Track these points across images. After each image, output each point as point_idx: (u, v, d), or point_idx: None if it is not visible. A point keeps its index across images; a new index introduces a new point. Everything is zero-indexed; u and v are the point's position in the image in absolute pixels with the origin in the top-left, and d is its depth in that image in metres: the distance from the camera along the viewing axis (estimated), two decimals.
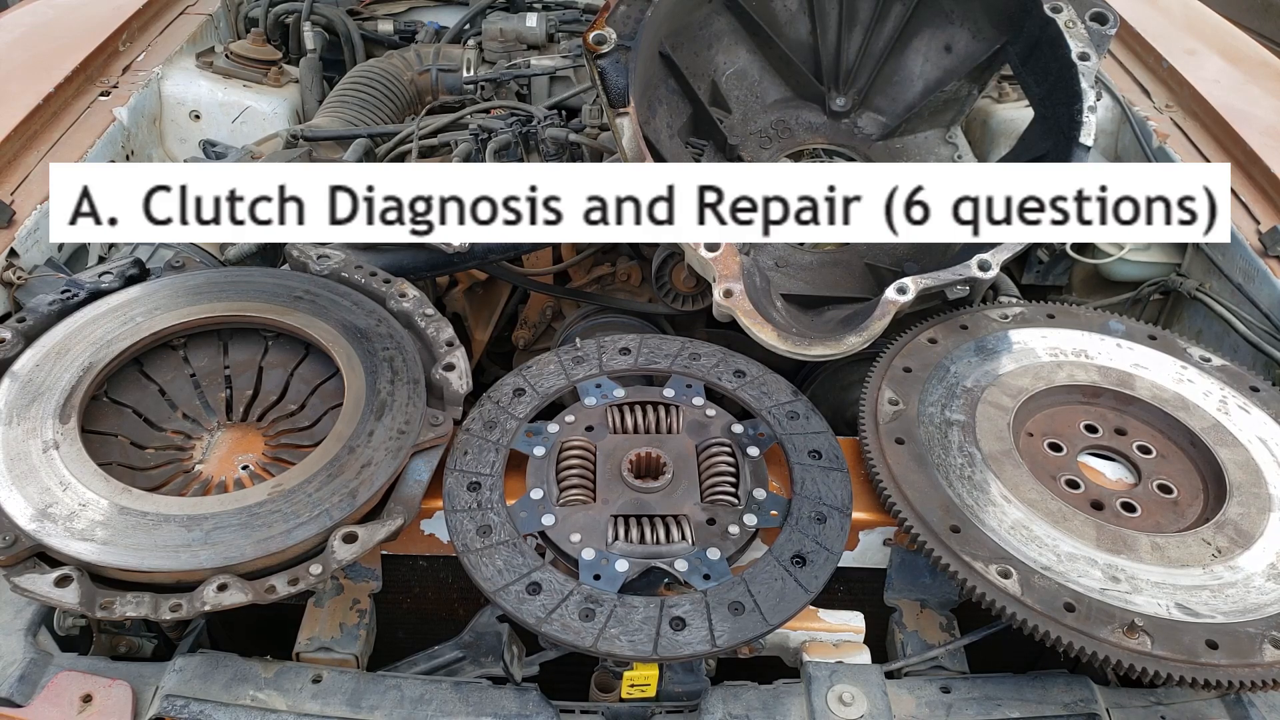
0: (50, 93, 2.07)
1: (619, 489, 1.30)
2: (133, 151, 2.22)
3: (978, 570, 1.18)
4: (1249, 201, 1.91)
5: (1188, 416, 1.42)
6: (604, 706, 1.23)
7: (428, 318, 1.49)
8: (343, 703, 1.16)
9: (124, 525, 1.17)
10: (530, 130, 2.06)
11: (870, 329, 1.43)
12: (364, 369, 1.38)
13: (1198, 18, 2.68)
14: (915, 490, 1.28)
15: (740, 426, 1.39)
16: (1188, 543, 1.25)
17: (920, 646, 1.32)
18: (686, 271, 1.74)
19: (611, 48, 1.56)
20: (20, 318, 1.41)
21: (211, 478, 1.36)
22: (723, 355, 1.50)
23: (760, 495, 1.29)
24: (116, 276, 1.51)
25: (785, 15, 1.91)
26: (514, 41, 2.61)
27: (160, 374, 1.46)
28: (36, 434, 1.26)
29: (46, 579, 1.12)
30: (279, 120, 2.45)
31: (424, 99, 2.59)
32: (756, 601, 1.16)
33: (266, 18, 2.73)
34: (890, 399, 1.41)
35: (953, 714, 1.17)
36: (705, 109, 1.83)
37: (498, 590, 1.17)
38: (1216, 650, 1.11)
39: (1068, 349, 1.52)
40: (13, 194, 1.83)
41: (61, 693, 1.14)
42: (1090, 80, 1.61)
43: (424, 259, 1.74)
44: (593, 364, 1.48)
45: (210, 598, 1.11)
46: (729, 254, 1.47)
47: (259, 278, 1.54)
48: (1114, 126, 2.28)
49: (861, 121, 1.96)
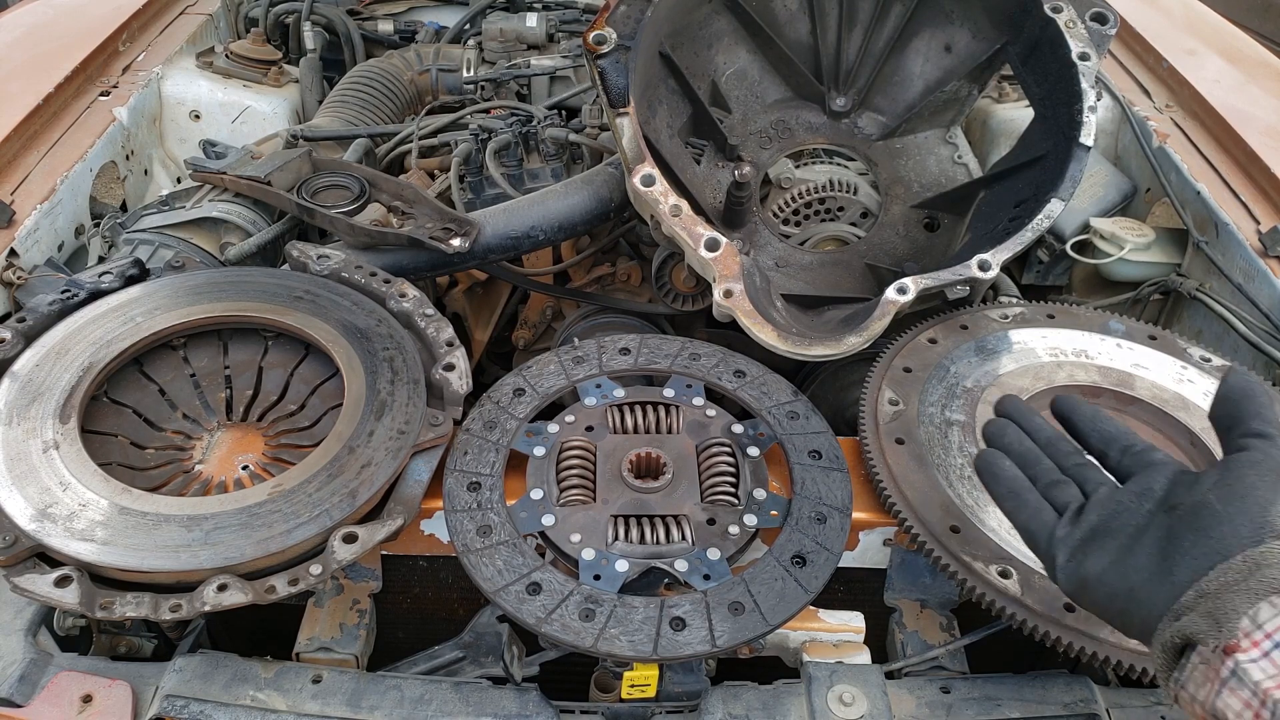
0: (50, 93, 2.07)
1: (619, 489, 1.30)
2: (132, 151, 2.22)
3: (978, 570, 1.19)
4: (1249, 201, 1.91)
5: (1188, 416, 1.42)
6: (604, 706, 1.23)
7: (428, 318, 1.49)
8: (343, 703, 1.16)
9: (124, 525, 1.17)
10: (530, 130, 2.06)
11: (870, 329, 1.43)
12: (364, 369, 1.38)
13: (1198, 18, 2.67)
14: (915, 490, 1.28)
15: (740, 426, 1.39)
16: None
17: (920, 647, 1.32)
18: (686, 271, 1.74)
19: (611, 48, 1.55)
20: (20, 318, 1.41)
21: (211, 478, 1.36)
22: (723, 355, 1.50)
23: (760, 495, 1.29)
24: (116, 276, 1.51)
25: (785, 15, 1.91)
26: (514, 41, 2.61)
27: (160, 374, 1.46)
28: (36, 434, 1.26)
29: (46, 579, 1.12)
30: (279, 120, 2.45)
31: (424, 99, 2.59)
32: (756, 602, 1.16)
33: (266, 18, 2.73)
34: (890, 399, 1.41)
35: (953, 714, 1.17)
36: (705, 109, 1.83)
37: (498, 590, 1.17)
38: None
39: (1068, 349, 1.52)
40: (13, 194, 1.83)
41: (61, 693, 1.14)
42: (1090, 80, 1.61)
43: (424, 259, 1.74)
44: (593, 364, 1.48)
45: (210, 598, 1.11)
46: (729, 254, 1.47)
47: (259, 278, 1.54)
48: (1114, 126, 2.28)
49: (862, 121, 1.96)
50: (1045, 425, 1.10)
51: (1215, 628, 0.83)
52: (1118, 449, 1.04)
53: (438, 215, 1.76)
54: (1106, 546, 0.94)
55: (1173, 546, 0.89)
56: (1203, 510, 0.90)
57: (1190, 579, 0.86)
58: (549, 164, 2.06)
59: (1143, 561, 0.91)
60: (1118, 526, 0.95)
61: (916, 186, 1.92)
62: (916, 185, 1.92)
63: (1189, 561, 0.87)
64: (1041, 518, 1.01)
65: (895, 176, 1.93)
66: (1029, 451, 1.07)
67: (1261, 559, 0.84)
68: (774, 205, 1.90)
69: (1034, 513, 1.02)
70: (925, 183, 1.92)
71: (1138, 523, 0.94)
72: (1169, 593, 0.87)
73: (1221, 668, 0.83)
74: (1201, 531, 0.88)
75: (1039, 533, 1.01)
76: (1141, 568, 0.91)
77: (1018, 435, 1.09)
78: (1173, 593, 0.87)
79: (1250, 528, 0.87)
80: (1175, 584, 0.87)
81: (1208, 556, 0.87)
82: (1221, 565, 0.85)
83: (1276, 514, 0.88)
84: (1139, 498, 0.96)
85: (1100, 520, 0.97)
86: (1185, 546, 0.88)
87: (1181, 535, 0.89)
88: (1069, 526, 0.98)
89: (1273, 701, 0.79)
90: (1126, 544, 0.93)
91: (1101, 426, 1.06)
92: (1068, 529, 0.98)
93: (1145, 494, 0.96)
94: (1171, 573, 0.88)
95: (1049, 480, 1.03)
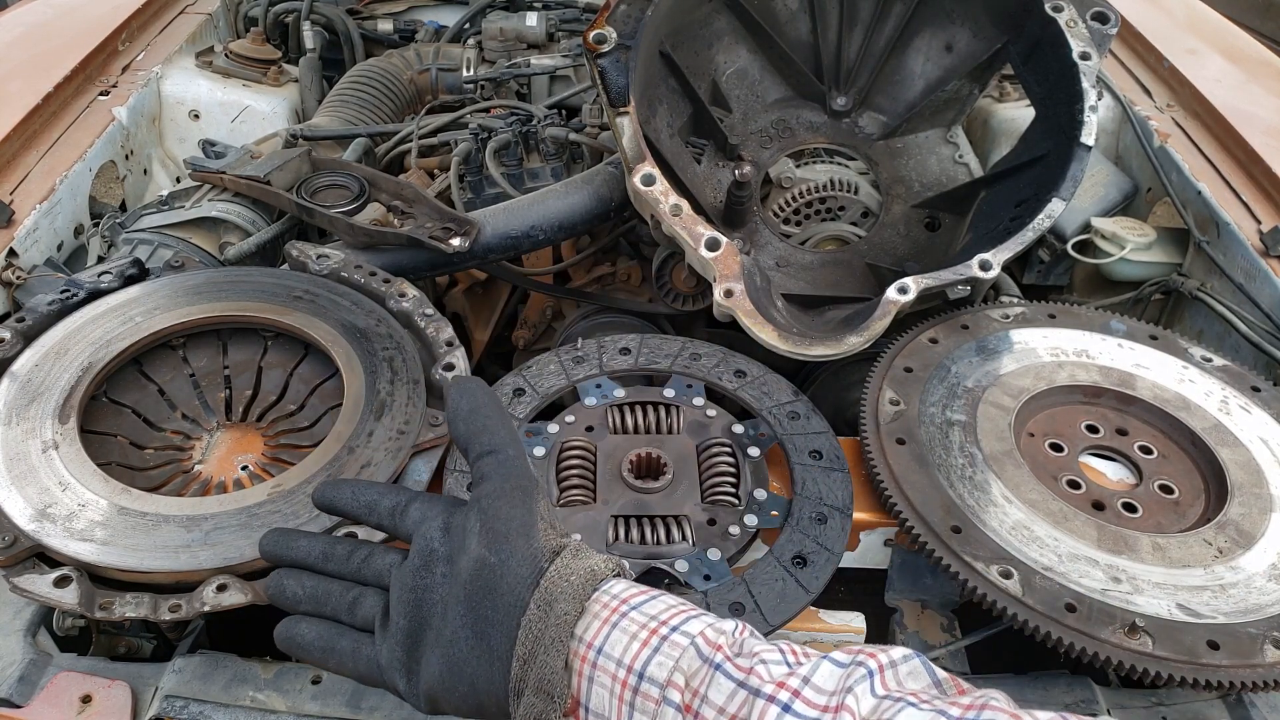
0: (50, 92, 2.07)
1: (619, 489, 1.29)
2: (132, 151, 2.22)
3: (979, 571, 1.18)
4: (1250, 201, 1.90)
5: (1189, 417, 1.42)
6: None
7: (427, 318, 1.48)
8: (343, 703, 1.16)
9: (123, 525, 1.17)
10: (530, 130, 2.06)
11: (871, 329, 1.43)
12: (363, 369, 1.38)
13: (1199, 17, 2.67)
14: (916, 491, 1.28)
15: (741, 427, 1.39)
16: (1189, 543, 1.25)
17: (921, 647, 1.32)
18: (687, 271, 1.74)
19: (611, 47, 1.55)
20: (19, 318, 1.41)
21: (211, 478, 1.36)
22: (723, 355, 1.50)
23: (761, 496, 1.29)
24: (116, 276, 1.51)
25: (785, 15, 1.91)
26: (514, 41, 2.60)
27: (159, 374, 1.46)
28: (36, 434, 1.26)
29: (46, 579, 1.11)
30: (278, 120, 2.45)
31: (424, 98, 2.58)
32: (757, 602, 1.16)
33: (266, 17, 2.73)
34: (891, 399, 1.41)
35: None
36: (705, 108, 1.83)
37: None
38: (1218, 651, 1.11)
39: (1069, 349, 1.51)
40: (12, 194, 1.83)
41: (61, 693, 1.14)
42: (1091, 80, 1.60)
43: (424, 259, 1.74)
44: (593, 364, 1.48)
45: (210, 598, 1.11)
46: (729, 254, 1.47)
47: (258, 277, 1.54)
48: (1115, 126, 2.27)
49: (862, 121, 1.96)
50: (312, 541, 0.96)
51: (550, 701, 0.79)
52: (385, 513, 0.94)
53: (437, 215, 1.76)
54: (429, 644, 0.84)
55: (479, 618, 0.82)
56: (482, 569, 0.82)
57: (507, 649, 0.80)
58: (549, 163, 2.06)
59: (465, 649, 0.82)
60: (425, 615, 0.85)
61: (917, 186, 1.92)
62: (917, 185, 1.92)
63: (497, 630, 0.81)
64: (363, 655, 0.89)
65: (896, 176, 1.93)
66: (311, 591, 0.93)
67: (550, 594, 0.80)
68: (774, 205, 1.89)
69: (354, 657, 0.89)
70: (926, 182, 1.92)
71: (441, 599, 0.85)
72: (499, 673, 0.80)
73: (582, 713, 0.80)
74: (491, 591, 0.81)
75: (369, 673, 0.88)
76: (468, 657, 0.82)
77: (295, 580, 0.94)
78: (502, 671, 0.80)
79: (527, 566, 0.82)
80: (498, 661, 0.80)
81: (508, 615, 0.80)
82: (523, 620, 0.80)
83: (541, 535, 0.84)
84: (426, 568, 0.86)
85: (408, 619, 0.86)
86: (488, 614, 0.81)
87: (479, 602, 0.82)
88: (385, 643, 0.87)
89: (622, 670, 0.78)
90: (443, 633, 0.83)
91: (363, 497, 0.96)
92: (387, 647, 0.86)
93: (430, 560, 0.87)
94: (491, 649, 0.81)
95: (345, 603, 0.91)
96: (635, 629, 0.80)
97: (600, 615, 0.82)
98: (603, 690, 0.79)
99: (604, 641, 0.80)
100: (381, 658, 0.87)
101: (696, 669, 0.78)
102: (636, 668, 0.78)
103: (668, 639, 0.79)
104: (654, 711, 0.77)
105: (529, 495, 0.88)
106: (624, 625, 0.81)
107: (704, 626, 0.81)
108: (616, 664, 0.79)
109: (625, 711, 0.78)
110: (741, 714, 0.75)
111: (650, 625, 0.81)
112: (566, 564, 0.83)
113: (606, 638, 0.80)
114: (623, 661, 0.79)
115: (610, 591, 0.84)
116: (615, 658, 0.79)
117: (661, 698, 0.77)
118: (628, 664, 0.79)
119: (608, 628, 0.81)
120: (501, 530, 0.84)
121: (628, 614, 0.82)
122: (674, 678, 0.77)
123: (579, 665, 0.80)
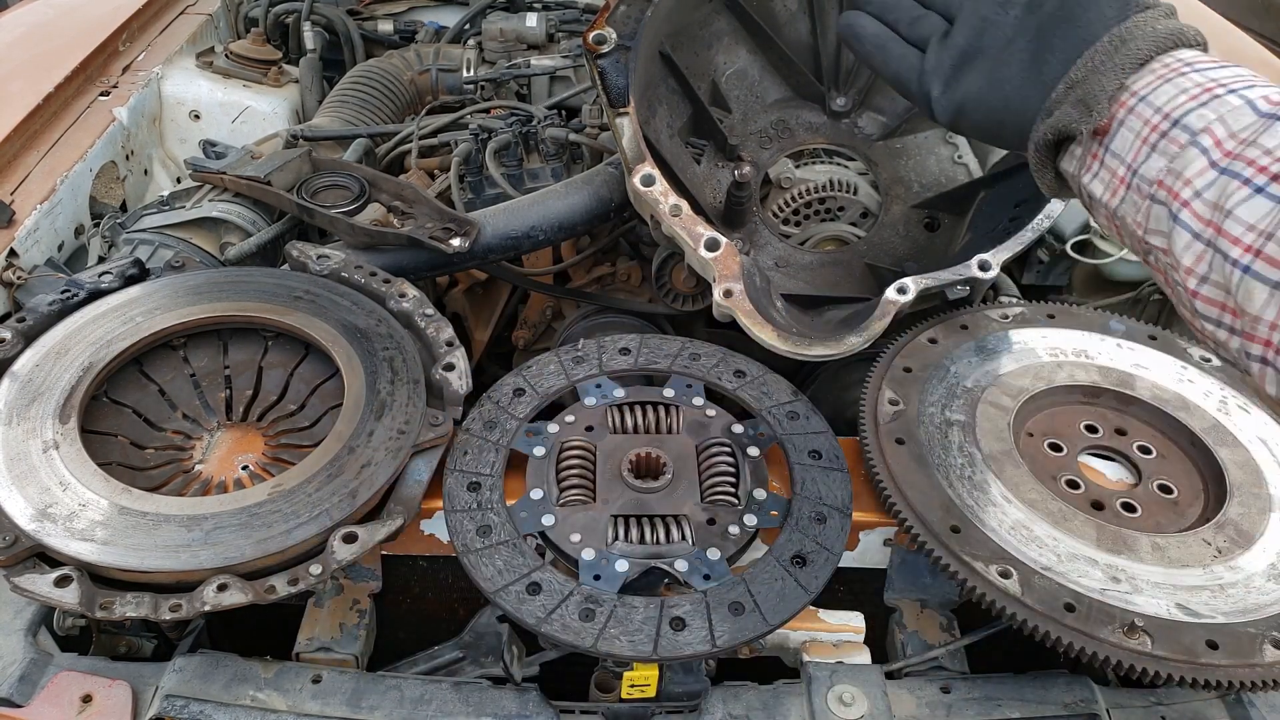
0: (50, 93, 2.07)
1: (619, 489, 1.30)
2: (132, 151, 2.22)
3: (978, 570, 1.18)
4: None
5: (1188, 417, 1.42)
6: (604, 706, 1.23)
7: (428, 318, 1.49)
8: (343, 703, 1.16)
9: (124, 525, 1.17)
10: (530, 130, 2.06)
11: (870, 329, 1.43)
12: (364, 369, 1.38)
13: (1198, 18, 2.67)
14: (915, 490, 1.28)
15: (740, 426, 1.39)
16: (1188, 543, 1.25)
17: (920, 646, 1.32)
18: (686, 271, 1.74)
19: (611, 48, 1.55)
20: (20, 318, 1.41)
21: (211, 478, 1.36)
22: (723, 355, 1.50)
23: (760, 495, 1.29)
24: (116, 276, 1.51)
25: (785, 15, 1.91)
26: (514, 41, 2.60)
27: (160, 374, 1.46)
28: (36, 434, 1.26)
29: (46, 579, 1.12)
30: (279, 120, 2.45)
31: (424, 99, 2.59)
32: (756, 602, 1.16)
33: (266, 17, 2.73)
34: (890, 399, 1.41)
35: (953, 714, 1.17)
36: (705, 109, 1.83)
37: (498, 590, 1.17)
38: (1217, 650, 1.11)
39: (1068, 349, 1.52)
40: (12, 194, 1.83)
41: (61, 693, 1.14)
42: None
43: (424, 259, 1.74)
44: (593, 364, 1.48)
45: (210, 598, 1.11)
46: (729, 254, 1.47)
47: (259, 278, 1.54)
48: None
49: (862, 121, 1.96)
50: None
51: (1086, 113, 0.81)
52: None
53: (438, 215, 1.76)
54: (978, 66, 0.89)
55: (1042, 45, 0.85)
56: (1069, 2, 0.84)
57: (1059, 73, 0.83)
58: (549, 164, 2.06)
59: (1014, 70, 0.86)
60: (987, 43, 0.89)
61: (917, 186, 1.92)
62: (917, 185, 1.92)
63: (1057, 56, 0.84)
64: (908, 61, 0.95)
65: (895, 176, 1.93)
66: (882, 1, 0.99)
67: (1127, 34, 0.81)
68: (774, 205, 1.90)
69: (900, 59, 0.96)
70: (925, 183, 1.92)
71: (1006, 33, 0.88)
72: (1040, 93, 0.84)
73: (1099, 150, 0.81)
74: (1068, 22, 0.84)
75: (908, 76, 0.94)
76: (1013, 76, 0.86)
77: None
78: (1044, 91, 0.84)
79: (1116, 5, 0.83)
80: (1045, 82, 0.84)
81: (1075, 46, 0.83)
82: (1088, 51, 0.82)
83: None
84: (1004, 6, 0.89)
85: (968, 41, 0.90)
86: (1054, 43, 0.84)
87: (1049, 32, 0.85)
88: (936, 55, 0.92)
89: (1166, 119, 0.78)
90: (997, 57, 0.87)
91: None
92: (936, 58, 0.92)
93: (1008, 2, 0.89)
94: (1041, 73, 0.84)
95: (910, 18, 0.96)
96: (1189, 85, 0.79)
97: (1157, 72, 0.81)
98: (1129, 134, 0.80)
99: (1150, 92, 0.80)
100: (927, 64, 0.93)
101: (1249, 123, 0.76)
102: (1174, 115, 0.78)
103: (1220, 97, 0.78)
104: (1174, 153, 0.77)
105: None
106: (1178, 81, 0.80)
107: (1269, 91, 0.78)
108: (1155, 110, 0.79)
109: (1145, 152, 0.79)
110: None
111: (1206, 84, 0.79)
112: (1154, 16, 0.83)
113: (1154, 90, 0.80)
114: (1161, 108, 0.79)
115: (1181, 57, 0.82)
116: (1157, 105, 0.79)
117: (1190, 141, 0.76)
118: (1166, 111, 0.79)
119: (1160, 81, 0.80)
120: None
121: (1187, 74, 0.80)
122: (1213, 127, 0.76)
123: (1116, 110, 0.80)
